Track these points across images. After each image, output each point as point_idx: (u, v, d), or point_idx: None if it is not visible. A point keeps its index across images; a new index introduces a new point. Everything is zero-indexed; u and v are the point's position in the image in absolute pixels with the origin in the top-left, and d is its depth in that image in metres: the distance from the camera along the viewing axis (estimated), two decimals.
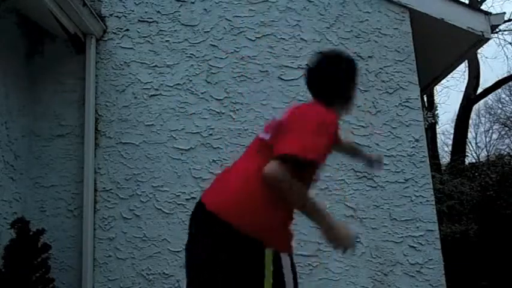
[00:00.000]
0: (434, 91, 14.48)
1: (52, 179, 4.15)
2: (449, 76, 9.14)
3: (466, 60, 11.28)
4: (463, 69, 14.54)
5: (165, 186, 4.12)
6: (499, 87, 15.08)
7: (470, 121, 15.19)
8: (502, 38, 15.13)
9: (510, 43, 21.17)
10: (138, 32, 4.39)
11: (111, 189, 4.13)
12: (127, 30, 4.40)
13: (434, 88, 13.09)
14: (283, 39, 4.33)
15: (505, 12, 6.28)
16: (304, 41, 4.32)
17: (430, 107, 13.70)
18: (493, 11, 14.21)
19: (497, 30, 12.22)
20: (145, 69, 4.32)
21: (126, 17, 4.42)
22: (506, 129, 18.64)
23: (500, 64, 31.45)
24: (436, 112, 14.45)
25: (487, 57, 27.42)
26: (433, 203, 4.08)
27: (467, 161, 14.48)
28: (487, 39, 4.64)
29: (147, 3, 4.44)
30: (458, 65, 6.19)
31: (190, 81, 4.29)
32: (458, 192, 8.75)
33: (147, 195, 4.11)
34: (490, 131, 19.97)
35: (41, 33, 4.26)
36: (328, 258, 3.94)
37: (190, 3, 4.43)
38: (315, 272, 3.91)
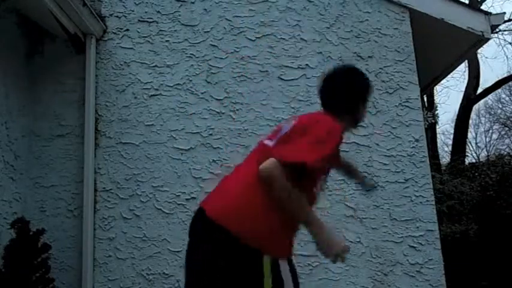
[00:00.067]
0: (434, 91, 14.49)
1: (52, 179, 4.15)
2: (449, 76, 9.13)
3: (466, 60, 11.28)
4: (463, 69, 14.56)
5: (165, 186, 4.12)
6: (499, 87, 15.09)
7: (470, 121, 15.20)
8: (502, 38, 15.16)
9: (510, 43, 21.19)
10: (138, 32, 4.39)
11: (111, 189, 4.13)
12: (127, 30, 4.40)
13: (434, 88, 13.10)
14: (283, 39, 4.33)
15: (505, 12, 6.29)
16: (304, 41, 4.32)
17: (430, 107, 13.69)
18: (493, 11, 14.22)
19: (497, 30, 12.22)
20: (145, 69, 4.32)
21: (126, 17, 4.42)
22: (506, 129, 18.65)
23: (500, 64, 31.48)
24: (436, 112, 14.47)
25: (487, 57, 27.47)
26: (433, 203, 4.08)
27: (467, 161, 14.49)
28: (487, 39, 4.64)
29: (147, 3, 4.44)
30: (458, 65, 6.20)
31: (190, 81, 4.29)
32: (458, 192, 8.74)
33: (147, 195, 4.11)
34: (490, 131, 20.00)
35: (41, 33, 4.27)
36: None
37: (190, 3, 4.43)
38: (315, 272, 3.91)
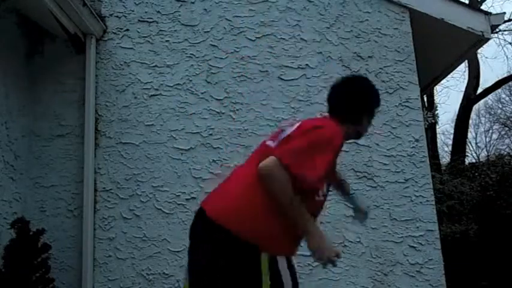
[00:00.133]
0: (434, 91, 14.49)
1: (52, 179, 4.15)
2: (449, 76, 9.13)
3: (466, 60, 11.26)
4: (463, 69, 14.55)
5: (165, 186, 4.12)
6: (499, 87, 15.09)
7: (470, 121, 15.20)
8: (502, 38, 15.13)
9: (510, 43, 21.15)
10: (138, 32, 4.39)
11: (111, 189, 4.13)
12: (127, 30, 4.40)
13: (434, 88, 13.09)
14: (283, 39, 4.33)
15: (505, 12, 6.30)
16: (304, 41, 4.32)
17: (430, 107, 13.69)
18: (493, 11, 14.20)
19: (497, 30, 12.21)
20: (145, 69, 4.32)
21: (126, 17, 4.42)
22: (506, 129, 18.65)
23: (500, 64, 31.45)
24: (436, 112, 14.47)
25: (487, 57, 27.45)
26: (433, 203, 4.08)
27: (467, 161, 14.49)
28: (487, 39, 4.64)
29: (147, 3, 4.44)
30: (458, 65, 6.20)
31: (190, 81, 4.29)
32: (458, 192, 8.74)
33: (147, 195, 4.11)
34: (490, 131, 20.00)
35: (41, 33, 4.26)
36: None
37: (190, 3, 4.43)
38: (315, 272, 3.91)
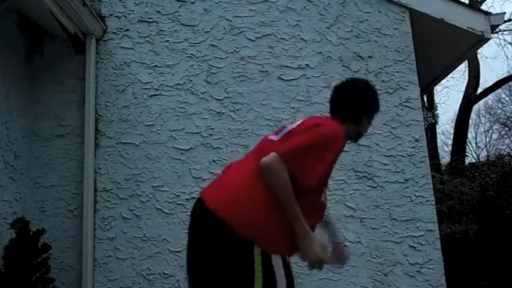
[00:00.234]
0: (434, 91, 14.49)
1: (52, 179, 4.15)
2: (449, 76, 9.14)
3: (466, 60, 11.27)
4: (463, 69, 14.57)
5: (165, 186, 4.12)
6: (499, 87, 15.09)
7: (470, 121, 15.20)
8: (502, 38, 15.19)
9: (510, 43, 21.28)
10: (138, 32, 4.39)
11: (111, 189, 4.13)
12: (127, 30, 4.40)
13: (434, 88, 13.09)
14: (283, 39, 4.33)
15: (505, 12, 6.29)
16: (304, 41, 4.32)
17: (430, 107, 13.69)
18: (493, 11, 14.22)
19: (497, 30, 12.22)
20: (145, 69, 4.32)
21: (126, 17, 4.42)
22: (506, 129, 18.65)
23: (500, 64, 31.51)
24: (436, 112, 14.46)
25: (487, 57, 27.51)
26: (433, 203, 4.08)
27: (467, 161, 14.49)
28: (487, 39, 4.64)
29: (147, 3, 4.44)
30: (458, 65, 6.20)
31: (190, 81, 4.29)
32: (458, 192, 8.74)
33: (147, 195, 4.11)
34: (490, 131, 20.00)
35: (41, 33, 4.26)
36: None
37: (190, 3, 4.43)
38: (315, 272, 3.90)
